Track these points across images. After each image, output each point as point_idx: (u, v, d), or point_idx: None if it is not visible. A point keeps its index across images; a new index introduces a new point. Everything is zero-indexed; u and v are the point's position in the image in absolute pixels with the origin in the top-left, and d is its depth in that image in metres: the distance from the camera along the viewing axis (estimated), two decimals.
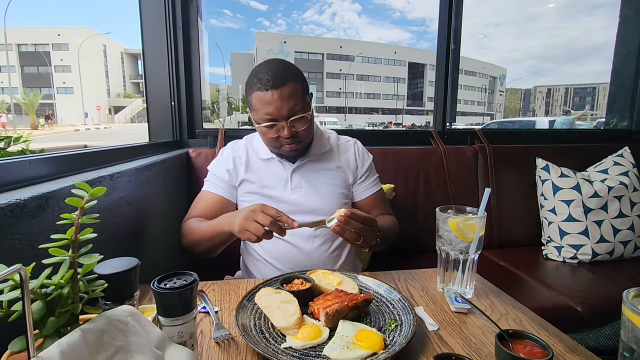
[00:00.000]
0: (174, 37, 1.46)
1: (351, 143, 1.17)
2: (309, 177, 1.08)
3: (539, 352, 0.53)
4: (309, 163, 1.08)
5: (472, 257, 0.75)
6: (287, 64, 0.97)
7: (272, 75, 0.91)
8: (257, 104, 0.93)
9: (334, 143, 1.15)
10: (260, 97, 0.92)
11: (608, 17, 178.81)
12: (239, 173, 1.08)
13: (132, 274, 0.51)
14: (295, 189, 1.06)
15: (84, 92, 48.62)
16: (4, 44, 41.72)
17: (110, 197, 0.79)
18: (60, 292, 0.41)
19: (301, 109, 0.94)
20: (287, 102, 0.91)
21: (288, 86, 0.91)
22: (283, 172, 1.07)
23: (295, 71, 0.96)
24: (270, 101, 0.91)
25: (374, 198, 1.15)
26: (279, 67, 0.94)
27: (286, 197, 1.05)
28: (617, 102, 2.26)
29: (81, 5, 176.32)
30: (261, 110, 0.93)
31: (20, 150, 1.16)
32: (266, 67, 0.94)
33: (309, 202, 1.05)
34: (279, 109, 0.91)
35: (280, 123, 0.94)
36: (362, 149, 1.17)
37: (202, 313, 0.69)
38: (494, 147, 1.70)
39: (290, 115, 0.93)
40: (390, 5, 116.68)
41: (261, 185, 1.06)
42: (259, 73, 0.93)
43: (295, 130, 0.95)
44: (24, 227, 0.54)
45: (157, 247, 1.07)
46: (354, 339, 0.58)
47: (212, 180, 1.10)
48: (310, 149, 1.08)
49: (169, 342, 0.46)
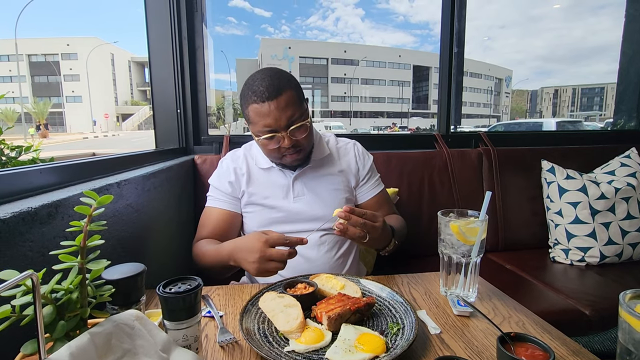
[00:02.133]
0: (179, 45, 1.49)
1: (350, 145, 1.15)
2: (310, 183, 1.06)
3: (540, 355, 0.53)
4: (309, 169, 1.06)
5: (474, 260, 0.75)
6: (279, 72, 0.95)
7: (267, 86, 0.89)
8: (255, 116, 0.92)
9: (333, 146, 1.13)
10: (256, 109, 0.90)
11: (613, 17, 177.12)
12: (241, 184, 1.06)
13: (138, 279, 0.52)
14: (297, 197, 1.05)
15: (92, 100, 49.46)
16: (15, 54, 42.66)
17: (117, 204, 0.80)
18: (70, 297, 0.42)
19: (299, 117, 0.92)
20: (284, 111, 0.90)
21: (284, 95, 0.90)
22: (284, 181, 1.06)
23: (288, 78, 0.94)
24: (267, 112, 0.89)
25: (378, 198, 1.14)
26: (272, 77, 0.91)
27: (288, 205, 1.04)
28: (624, 102, 2.24)
29: (89, 15, 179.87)
30: (259, 122, 0.91)
31: (30, 158, 1.20)
32: (259, 78, 0.92)
33: (312, 209, 1.04)
34: (277, 120, 0.90)
35: (280, 133, 0.92)
36: (362, 150, 1.16)
37: (206, 317, 0.71)
38: (499, 150, 1.70)
39: (289, 124, 0.91)
40: (393, 9, 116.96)
41: (262, 196, 1.05)
42: (253, 85, 0.91)
43: (296, 139, 0.94)
44: (35, 234, 0.56)
45: (163, 253, 1.09)
46: (356, 342, 0.59)
47: (214, 194, 1.08)
48: (311, 155, 1.06)
49: (173, 345, 0.47)
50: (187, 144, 1.58)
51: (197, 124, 1.61)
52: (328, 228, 1.04)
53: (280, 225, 1.03)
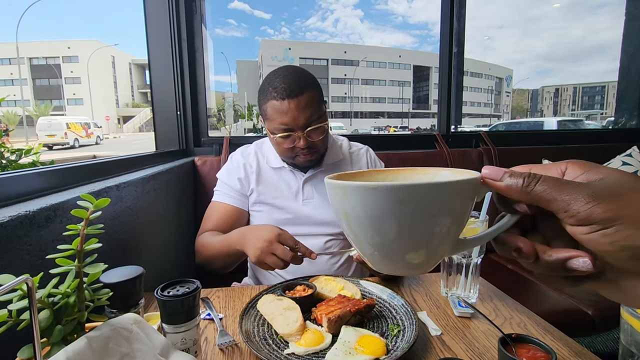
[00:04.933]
0: (178, 46, 1.49)
1: (363, 151, 1.13)
2: (320, 187, 1.04)
3: (542, 357, 0.52)
4: (321, 173, 1.04)
5: (474, 261, 0.75)
6: (303, 72, 0.93)
7: (288, 84, 0.87)
8: (272, 113, 0.90)
9: (346, 151, 1.11)
10: (275, 106, 0.88)
11: (612, 16, 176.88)
12: (250, 182, 1.04)
13: (136, 282, 0.52)
14: (306, 200, 1.03)
15: (93, 102, 49.65)
16: (16, 57, 42.84)
17: (116, 206, 0.80)
18: (67, 301, 0.42)
19: (317, 119, 0.91)
20: (303, 111, 0.88)
21: (305, 95, 0.88)
22: (294, 182, 1.04)
23: (311, 79, 0.92)
24: (286, 110, 0.87)
25: None
26: (295, 75, 0.90)
27: (296, 208, 1.02)
28: (625, 101, 2.23)
29: (90, 18, 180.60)
30: (276, 119, 0.89)
31: (31, 161, 1.20)
32: (281, 74, 0.90)
33: (320, 214, 1.02)
34: (295, 119, 0.88)
35: (296, 133, 0.90)
36: (374, 157, 1.14)
37: (206, 320, 0.70)
38: (499, 149, 1.69)
39: (306, 125, 0.90)
40: (392, 10, 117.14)
41: (271, 196, 1.03)
42: (274, 81, 0.89)
43: (312, 140, 0.92)
44: (32, 237, 0.55)
45: (163, 255, 1.08)
46: (356, 344, 0.58)
47: (222, 189, 1.06)
48: (324, 158, 1.04)
49: (172, 349, 0.47)
50: (187, 145, 1.58)
51: (197, 126, 1.61)
52: (334, 233, 1.04)
53: (287, 227, 1.01)
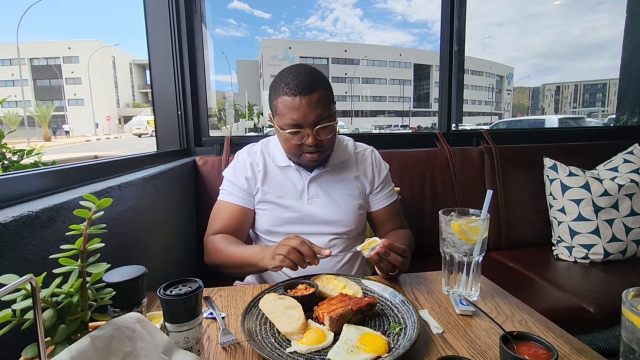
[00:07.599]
0: (178, 46, 1.49)
1: (368, 152, 1.13)
2: (326, 186, 1.04)
3: (543, 354, 0.52)
4: (326, 172, 1.05)
5: (475, 259, 0.75)
6: (315, 70, 0.93)
7: (300, 81, 0.88)
8: (283, 108, 0.90)
9: (352, 151, 1.11)
10: (286, 101, 0.89)
11: (611, 13, 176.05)
12: (257, 180, 1.04)
13: (139, 281, 0.52)
14: (311, 199, 1.03)
15: (94, 102, 49.69)
16: (17, 58, 42.89)
17: (118, 206, 0.81)
18: (70, 300, 0.42)
19: (327, 117, 0.91)
20: (314, 109, 0.88)
21: (316, 93, 0.88)
22: (299, 181, 1.04)
23: (323, 78, 0.93)
24: (297, 107, 0.88)
25: (389, 209, 1.11)
26: (308, 73, 0.90)
27: (301, 207, 1.03)
28: (626, 98, 2.22)
29: (90, 18, 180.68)
30: (286, 115, 0.90)
31: (32, 162, 1.20)
32: (294, 71, 0.91)
33: (325, 213, 1.02)
34: (305, 116, 0.89)
35: (305, 130, 0.91)
36: (379, 158, 1.14)
37: (209, 319, 0.71)
38: (500, 147, 1.69)
39: (316, 122, 0.90)
40: (391, 9, 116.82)
41: (277, 195, 1.03)
42: (286, 77, 0.90)
43: (320, 138, 0.92)
44: (35, 238, 0.56)
45: (165, 255, 1.09)
46: (358, 342, 0.58)
47: (228, 188, 1.06)
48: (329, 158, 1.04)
49: (175, 348, 0.47)
50: (188, 145, 1.58)
51: (198, 126, 1.61)
52: (338, 232, 1.04)
53: (292, 226, 1.03)
